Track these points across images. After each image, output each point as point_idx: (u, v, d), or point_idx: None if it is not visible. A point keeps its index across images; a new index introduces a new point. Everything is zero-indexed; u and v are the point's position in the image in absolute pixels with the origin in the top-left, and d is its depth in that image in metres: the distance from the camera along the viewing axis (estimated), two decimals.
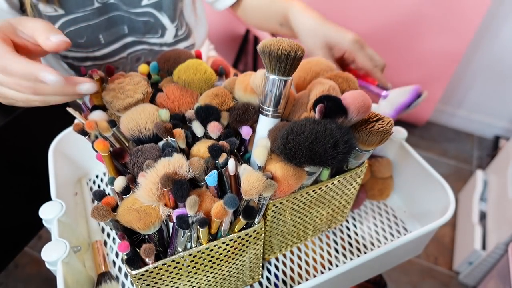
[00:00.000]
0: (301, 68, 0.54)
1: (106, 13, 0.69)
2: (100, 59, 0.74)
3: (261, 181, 0.37)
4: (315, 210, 0.53)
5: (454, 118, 1.96)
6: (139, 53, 0.79)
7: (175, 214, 0.36)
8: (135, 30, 0.74)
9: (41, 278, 1.30)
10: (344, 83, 0.52)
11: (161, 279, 0.41)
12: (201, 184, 0.41)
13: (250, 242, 0.44)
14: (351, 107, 0.42)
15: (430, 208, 0.60)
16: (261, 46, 0.43)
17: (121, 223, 0.38)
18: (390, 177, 0.66)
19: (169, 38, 0.78)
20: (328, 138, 0.38)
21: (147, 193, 0.36)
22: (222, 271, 0.46)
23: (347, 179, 0.51)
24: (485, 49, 1.66)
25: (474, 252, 1.24)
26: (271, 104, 0.44)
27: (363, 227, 0.63)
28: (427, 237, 0.57)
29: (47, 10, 0.63)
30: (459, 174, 1.75)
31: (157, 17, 0.73)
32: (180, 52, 0.58)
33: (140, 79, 0.51)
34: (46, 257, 0.46)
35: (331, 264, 0.58)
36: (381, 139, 0.45)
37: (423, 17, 1.50)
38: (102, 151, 0.42)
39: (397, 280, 1.35)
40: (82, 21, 0.67)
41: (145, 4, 0.70)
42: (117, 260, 0.57)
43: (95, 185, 0.69)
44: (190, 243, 0.40)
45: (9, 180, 0.81)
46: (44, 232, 0.98)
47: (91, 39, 0.70)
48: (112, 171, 0.44)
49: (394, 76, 1.73)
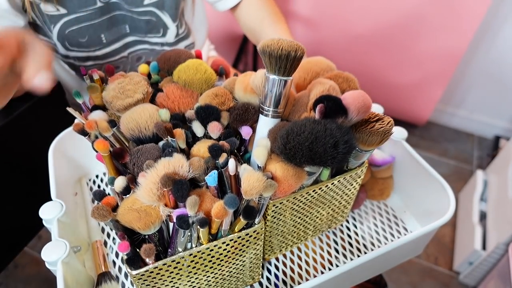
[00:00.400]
0: (301, 68, 0.54)
1: (108, 13, 0.69)
2: (101, 58, 0.74)
3: (261, 181, 0.37)
4: (315, 210, 0.53)
5: (454, 118, 1.95)
6: (140, 53, 0.79)
7: (175, 214, 0.36)
8: (137, 29, 0.74)
9: (41, 278, 1.30)
10: (344, 83, 0.52)
11: (161, 279, 0.41)
12: (201, 184, 0.41)
13: (250, 242, 0.44)
14: (351, 107, 0.42)
15: (430, 208, 0.60)
16: (261, 46, 0.43)
17: (121, 223, 0.38)
18: (390, 177, 0.66)
19: (171, 37, 0.78)
20: (328, 138, 0.38)
21: (147, 193, 0.36)
22: (222, 271, 0.46)
23: (347, 179, 0.51)
24: (485, 49, 1.66)
25: (474, 252, 1.24)
26: (271, 104, 0.44)
27: (363, 227, 0.63)
28: (427, 237, 0.57)
29: (49, 10, 0.63)
30: (459, 174, 1.75)
31: (159, 16, 0.73)
32: (180, 52, 0.58)
33: (140, 79, 0.51)
34: (46, 257, 0.46)
35: (331, 264, 0.58)
36: (381, 139, 0.45)
37: (423, 17, 1.49)
38: (102, 151, 0.42)
39: (397, 280, 1.35)
40: (84, 21, 0.67)
41: (147, 3, 0.70)
42: (117, 260, 0.57)
43: (95, 185, 0.69)
44: (190, 243, 0.40)
45: (9, 180, 0.81)
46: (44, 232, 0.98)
47: (93, 39, 0.70)
48: (112, 171, 0.44)
49: (395, 76, 1.73)
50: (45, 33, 0.67)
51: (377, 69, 1.73)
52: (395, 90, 1.78)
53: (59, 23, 0.65)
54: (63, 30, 0.66)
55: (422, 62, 1.63)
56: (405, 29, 1.55)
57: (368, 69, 1.75)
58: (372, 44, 1.64)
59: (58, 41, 0.68)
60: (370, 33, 1.60)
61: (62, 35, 0.67)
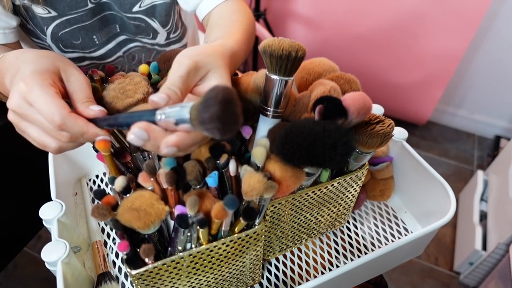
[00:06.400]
0: (303, 69, 0.54)
1: (99, 13, 0.68)
2: (98, 59, 0.74)
3: (261, 183, 0.37)
4: (315, 212, 0.53)
5: (454, 118, 1.95)
6: (133, 51, 0.79)
7: (176, 211, 0.36)
8: (127, 30, 0.73)
9: (40, 279, 1.30)
10: (346, 85, 0.51)
11: (160, 279, 0.41)
12: (196, 187, 0.41)
13: (251, 243, 0.44)
14: (351, 109, 0.42)
15: (431, 209, 0.60)
16: (262, 46, 0.43)
17: (121, 222, 0.38)
18: (390, 178, 0.66)
19: (161, 40, 0.77)
20: (327, 139, 0.38)
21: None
22: (222, 272, 0.46)
23: (347, 181, 0.51)
24: (485, 48, 1.65)
25: (474, 252, 1.24)
26: (272, 104, 0.44)
27: (364, 227, 0.63)
28: (428, 238, 0.57)
29: (40, 12, 0.62)
30: (459, 174, 1.75)
31: (148, 22, 0.72)
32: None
33: (141, 79, 0.51)
34: (46, 258, 0.46)
35: (331, 265, 0.57)
36: (381, 141, 0.45)
37: (423, 17, 1.49)
38: (104, 150, 0.42)
39: (398, 281, 1.35)
40: (76, 23, 0.66)
41: (136, 10, 0.69)
42: (117, 261, 0.57)
43: (95, 185, 0.69)
44: (190, 244, 0.40)
45: (9, 180, 0.81)
46: (43, 232, 0.98)
47: (86, 40, 0.70)
48: (113, 171, 0.44)
49: (395, 76, 1.73)
50: (38, 36, 0.67)
51: (378, 69, 1.73)
52: (396, 90, 1.78)
53: (51, 25, 0.64)
54: (56, 33, 0.66)
55: (423, 62, 1.63)
56: (406, 29, 1.55)
57: (369, 69, 1.74)
58: (372, 44, 1.64)
59: (52, 43, 0.67)
60: (371, 33, 1.60)
61: (55, 37, 0.66)
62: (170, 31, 0.77)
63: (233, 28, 0.57)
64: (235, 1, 0.65)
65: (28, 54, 0.41)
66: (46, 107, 0.36)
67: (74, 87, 0.41)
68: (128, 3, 0.67)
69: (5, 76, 0.42)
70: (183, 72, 0.38)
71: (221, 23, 0.61)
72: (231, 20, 0.60)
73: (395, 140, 0.63)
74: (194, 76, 0.39)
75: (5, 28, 0.60)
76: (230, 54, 0.47)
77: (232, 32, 0.55)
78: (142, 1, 0.68)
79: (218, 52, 0.43)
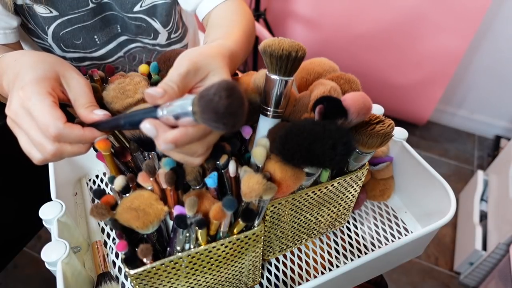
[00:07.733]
0: (303, 69, 0.54)
1: (100, 13, 0.68)
2: (99, 59, 0.74)
3: (261, 184, 0.37)
4: (315, 212, 0.53)
5: (454, 118, 1.95)
6: (134, 51, 0.79)
7: (175, 211, 0.36)
8: (128, 30, 0.73)
9: (40, 279, 1.30)
10: (346, 85, 0.51)
11: (159, 279, 0.41)
12: (196, 188, 0.41)
13: (250, 244, 0.44)
14: (351, 109, 0.42)
15: (431, 209, 0.60)
16: (262, 46, 0.43)
17: (120, 222, 0.38)
18: (391, 178, 0.66)
19: (162, 40, 0.77)
20: (327, 139, 0.38)
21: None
22: (221, 273, 0.46)
23: (348, 181, 0.51)
24: (485, 48, 1.65)
25: (474, 252, 1.24)
26: (272, 104, 0.44)
27: (364, 227, 0.63)
28: (428, 238, 0.57)
29: (41, 11, 0.62)
30: (460, 174, 1.75)
31: (149, 22, 0.72)
32: (180, 52, 0.58)
33: (141, 79, 0.51)
34: (46, 258, 0.46)
35: (331, 265, 0.57)
36: (381, 141, 0.45)
37: (423, 17, 1.49)
38: (104, 150, 0.42)
39: (398, 281, 1.35)
40: (77, 22, 0.66)
41: (137, 10, 0.69)
42: (117, 261, 0.57)
43: (95, 185, 0.69)
44: (188, 244, 0.39)
45: (9, 180, 0.81)
46: (43, 232, 0.98)
47: (87, 40, 0.70)
48: (113, 170, 0.44)
49: (395, 76, 1.73)
50: (39, 36, 0.67)
51: (378, 69, 1.73)
52: (396, 90, 1.78)
53: (52, 25, 0.64)
54: (57, 32, 0.66)
55: (423, 62, 1.63)
56: (406, 29, 1.55)
57: (369, 69, 1.74)
58: (372, 44, 1.64)
59: (53, 43, 0.67)
60: (371, 33, 1.60)
61: (57, 37, 0.66)
62: (171, 31, 0.76)
63: (233, 28, 0.57)
64: (235, 1, 0.65)
65: (27, 58, 0.41)
66: (42, 117, 0.37)
67: (75, 92, 0.41)
68: (129, 3, 0.67)
69: (3, 78, 0.42)
70: (182, 71, 0.38)
71: (220, 23, 0.61)
72: (230, 20, 0.60)
73: (395, 140, 0.63)
74: (193, 76, 0.39)
75: (5, 28, 0.60)
76: (229, 54, 0.47)
77: (231, 32, 0.55)
78: (143, 1, 0.68)
79: (218, 53, 0.43)
